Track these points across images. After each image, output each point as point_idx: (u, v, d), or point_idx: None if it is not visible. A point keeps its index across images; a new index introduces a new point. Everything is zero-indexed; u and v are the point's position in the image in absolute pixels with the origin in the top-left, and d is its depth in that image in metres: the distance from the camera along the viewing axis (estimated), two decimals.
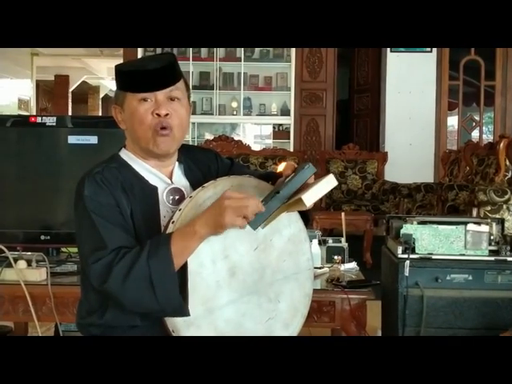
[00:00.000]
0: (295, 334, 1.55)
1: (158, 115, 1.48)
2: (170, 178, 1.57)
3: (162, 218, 1.50)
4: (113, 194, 1.46)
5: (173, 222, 1.41)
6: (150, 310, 1.39)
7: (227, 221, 1.32)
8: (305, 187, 1.38)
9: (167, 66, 1.49)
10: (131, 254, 1.37)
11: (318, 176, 1.42)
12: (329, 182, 1.37)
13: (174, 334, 1.41)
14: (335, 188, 6.99)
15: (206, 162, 1.65)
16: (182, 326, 1.39)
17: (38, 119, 2.45)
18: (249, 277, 1.46)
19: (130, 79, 1.50)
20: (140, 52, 7.29)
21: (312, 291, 1.61)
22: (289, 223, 1.53)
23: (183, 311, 1.37)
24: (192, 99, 7.52)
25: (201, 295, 1.40)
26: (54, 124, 2.41)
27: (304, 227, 1.58)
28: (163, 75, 1.49)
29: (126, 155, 1.57)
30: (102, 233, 1.41)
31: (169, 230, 1.41)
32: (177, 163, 1.60)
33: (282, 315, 1.51)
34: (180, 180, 1.58)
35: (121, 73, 1.52)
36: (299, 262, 1.55)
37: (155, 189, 1.53)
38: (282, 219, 1.47)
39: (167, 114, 1.48)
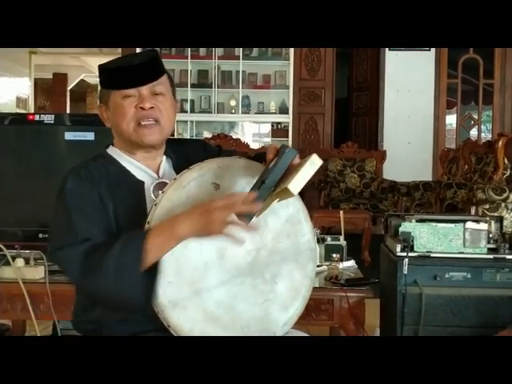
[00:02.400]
0: (296, 317, 1.53)
1: (142, 108, 1.48)
2: (158, 172, 1.56)
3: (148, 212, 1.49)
4: (96, 188, 1.45)
5: (155, 205, 1.41)
6: (109, 300, 1.40)
7: (217, 233, 1.32)
8: (291, 171, 1.34)
9: (149, 61, 1.50)
10: (104, 248, 1.35)
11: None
12: (313, 164, 1.32)
13: (159, 315, 1.40)
14: (334, 186, 7.05)
15: (193, 152, 1.63)
16: (166, 307, 1.38)
17: (36, 117, 2.45)
18: (241, 258, 1.44)
19: (113, 76, 1.50)
20: (138, 48, 7.27)
21: (314, 273, 1.59)
22: (286, 203, 1.50)
23: (143, 308, 1.38)
24: (190, 97, 7.56)
25: (187, 276, 1.39)
26: (52, 122, 2.41)
27: (303, 207, 1.55)
28: (146, 70, 1.49)
29: (113, 151, 1.57)
30: (76, 223, 1.40)
31: (152, 213, 1.40)
32: (164, 157, 1.59)
33: (279, 297, 1.49)
34: (168, 174, 1.56)
35: (104, 70, 1.52)
36: (298, 244, 1.53)
37: (142, 183, 1.52)
38: None
39: (152, 108, 1.49)
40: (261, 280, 1.47)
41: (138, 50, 7.09)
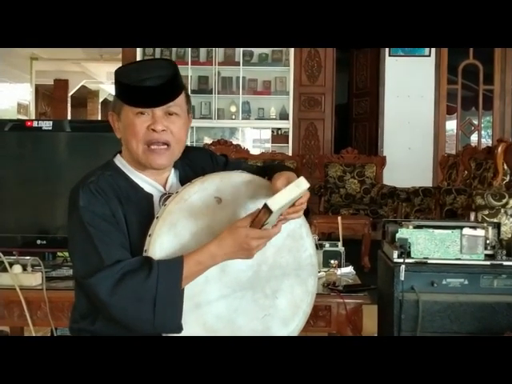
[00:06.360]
0: (296, 333, 1.53)
1: (154, 130, 1.46)
2: (165, 185, 1.56)
3: None
4: (108, 203, 1.44)
5: (157, 218, 1.41)
6: (144, 329, 1.40)
7: (252, 256, 1.40)
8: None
9: (168, 82, 1.44)
10: (139, 275, 1.36)
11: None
12: (298, 185, 1.32)
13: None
14: (334, 192, 7.05)
15: (200, 163, 1.63)
16: None
17: (35, 123, 2.45)
18: (242, 273, 1.45)
19: (128, 92, 1.46)
20: (139, 53, 7.33)
21: (316, 288, 1.58)
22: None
23: (178, 331, 1.39)
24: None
25: (187, 290, 1.38)
26: (50, 128, 2.41)
27: (305, 223, 1.55)
28: (162, 93, 1.45)
29: (120, 163, 1.56)
30: (99, 246, 1.39)
31: (153, 225, 1.40)
32: (172, 170, 1.58)
33: (280, 312, 1.49)
34: (175, 187, 1.55)
35: (119, 83, 1.47)
36: (300, 259, 1.53)
37: (150, 196, 1.52)
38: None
39: (163, 130, 1.46)
40: (261, 294, 1.47)
41: (139, 51, 7.24)
